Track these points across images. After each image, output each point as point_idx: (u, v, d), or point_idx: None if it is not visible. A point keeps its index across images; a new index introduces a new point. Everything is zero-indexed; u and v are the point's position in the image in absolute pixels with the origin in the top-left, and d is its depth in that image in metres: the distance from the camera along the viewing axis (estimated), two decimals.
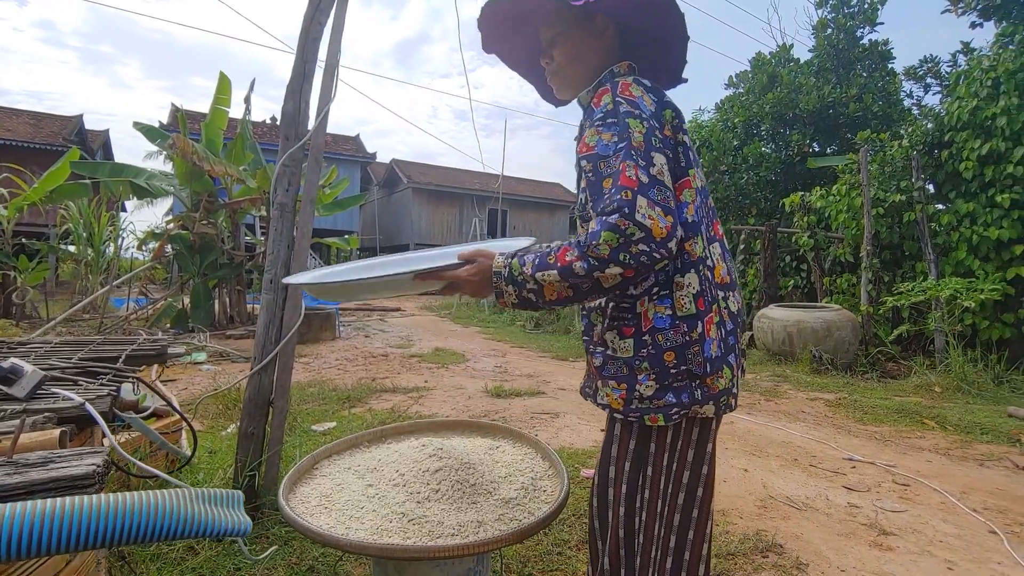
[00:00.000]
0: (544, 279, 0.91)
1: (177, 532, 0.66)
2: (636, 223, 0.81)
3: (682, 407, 0.96)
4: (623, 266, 0.83)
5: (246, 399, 2.02)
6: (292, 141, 2.11)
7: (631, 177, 0.84)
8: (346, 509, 1.28)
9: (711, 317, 0.97)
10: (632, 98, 0.93)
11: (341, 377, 5.17)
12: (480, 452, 1.60)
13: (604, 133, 0.91)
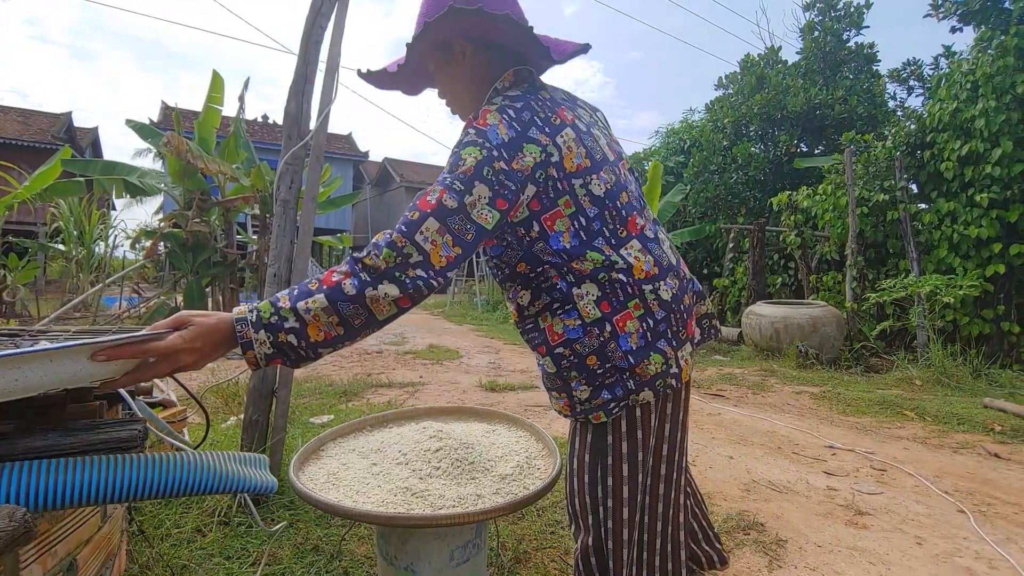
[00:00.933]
0: (308, 308, 0.77)
1: (215, 487, 0.74)
2: (415, 244, 0.79)
3: (618, 400, 0.97)
4: (399, 286, 0.79)
5: (250, 388, 2.10)
6: (295, 140, 2.18)
7: (431, 201, 0.82)
8: (353, 485, 1.36)
9: (626, 313, 0.96)
10: (482, 126, 0.89)
11: (337, 373, 5.23)
12: (478, 434, 1.69)
13: (449, 159, 0.91)
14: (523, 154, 0.88)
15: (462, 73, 1.06)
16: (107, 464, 0.63)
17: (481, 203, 0.83)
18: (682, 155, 12.32)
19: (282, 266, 2.13)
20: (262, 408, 2.09)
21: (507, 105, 0.93)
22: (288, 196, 2.16)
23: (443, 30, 0.97)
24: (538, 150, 0.90)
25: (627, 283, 0.96)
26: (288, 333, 0.77)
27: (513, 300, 1.08)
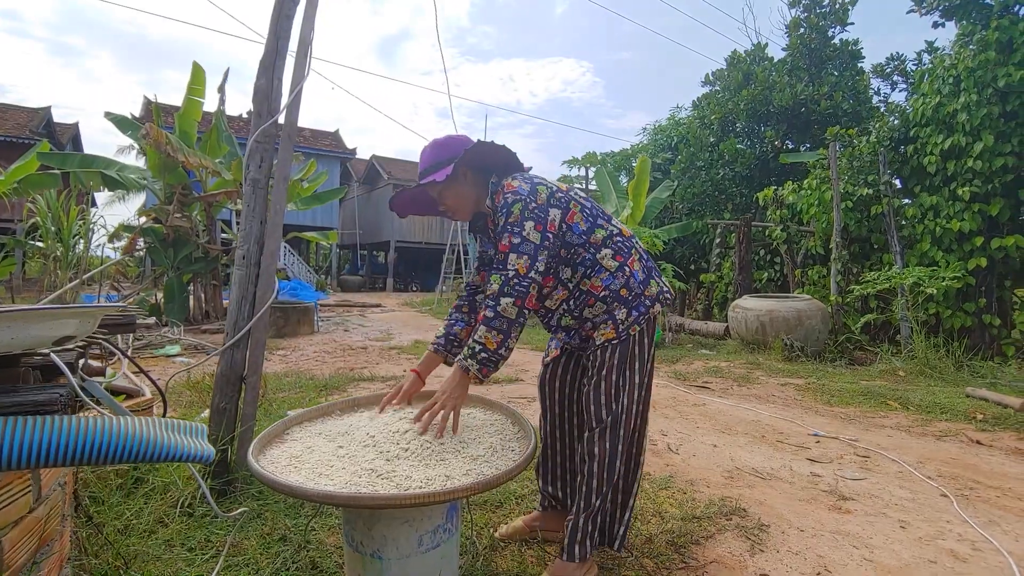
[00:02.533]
0: (481, 338, 1.38)
1: (140, 454, 0.68)
2: (510, 267, 1.38)
3: (643, 314, 1.51)
4: (512, 296, 1.36)
5: (218, 374, 2.02)
6: (265, 118, 2.11)
7: (507, 243, 1.40)
8: (316, 468, 1.30)
9: (632, 259, 1.55)
10: (513, 189, 1.45)
11: (319, 368, 5.14)
12: None
13: (501, 217, 1.44)
14: (540, 192, 1.47)
15: (465, 189, 1.56)
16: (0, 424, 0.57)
17: (533, 232, 1.41)
18: (669, 152, 12.34)
19: (251, 247, 2.05)
20: (230, 396, 2.01)
21: (516, 176, 1.52)
22: (258, 175, 2.08)
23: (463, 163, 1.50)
24: (545, 189, 1.49)
25: (623, 241, 1.56)
26: (480, 352, 1.39)
27: (559, 286, 1.55)
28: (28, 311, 0.64)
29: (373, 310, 12.94)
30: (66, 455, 0.62)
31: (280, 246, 2.04)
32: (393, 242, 22.60)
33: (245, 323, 2.01)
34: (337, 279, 22.87)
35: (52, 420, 0.61)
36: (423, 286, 23.87)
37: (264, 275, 2.06)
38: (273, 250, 2.08)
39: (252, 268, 2.05)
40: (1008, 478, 2.41)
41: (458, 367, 1.42)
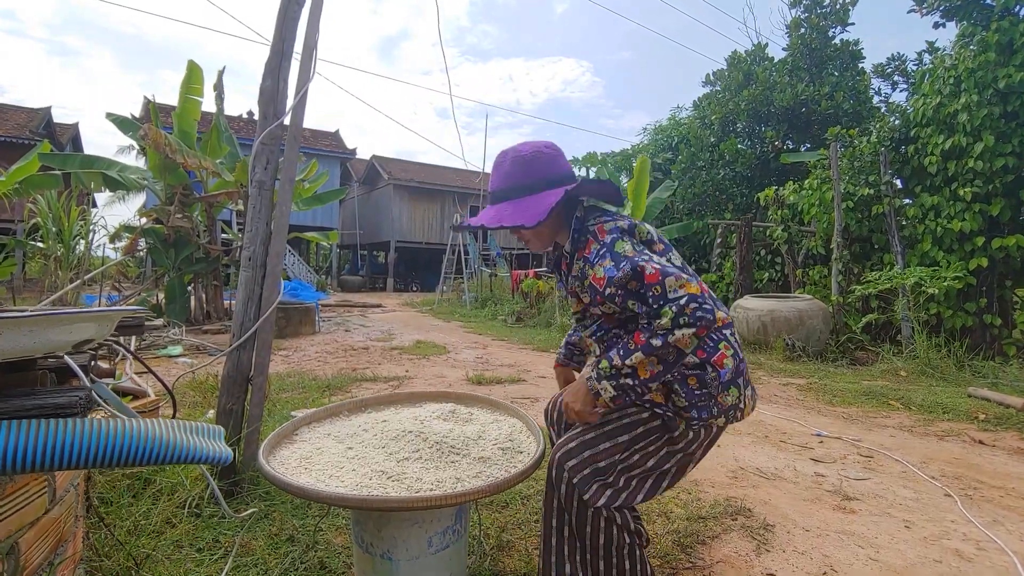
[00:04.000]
0: (634, 361, 1.12)
1: (160, 456, 0.68)
2: (677, 294, 1.08)
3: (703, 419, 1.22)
4: (692, 326, 1.07)
5: (224, 375, 2.03)
6: (270, 119, 2.11)
7: (649, 272, 1.11)
8: (326, 469, 1.30)
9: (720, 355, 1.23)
10: (609, 231, 1.24)
11: (321, 368, 5.15)
12: (459, 417, 1.64)
13: (605, 262, 1.20)
14: (636, 235, 1.25)
15: (548, 223, 1.33)
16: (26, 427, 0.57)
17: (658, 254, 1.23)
18: (670, 152, 12.36)
19: (257, 248, 2.05)
20: (237, 396, 2.02)
21: (605, 218, 1.28)
22: (264, 177, 2.08)
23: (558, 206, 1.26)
24: (640, 233, 1.27)
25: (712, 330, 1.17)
26: (626, 378, 1.13)
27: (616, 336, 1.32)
28: (51, 315, 0.65)
29: (374, 310, 12.95)
30: (87, 457, 0.63)
31: (285, 247, 2.05)
32: (393, 242, 22.61)
33: (251, 324, 2.02)
34: (337, 279, 22.89)
35: (73, 423, 0.61)
36: (423, 286, 23.89)
37: (270, 277, 2.07)
38: (279, 251, 2.08)
39: (258, 270, 2.05)
40: (1012, 478, 2.42)
41: (585, 387, 1.20)
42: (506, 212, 1.26)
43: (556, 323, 8.77)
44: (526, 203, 1.26)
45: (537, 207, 1.23)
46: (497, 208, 1.29)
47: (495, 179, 1.33)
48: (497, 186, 1.32)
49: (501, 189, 1.30)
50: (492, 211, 1.30)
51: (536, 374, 5.06)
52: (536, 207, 1.23)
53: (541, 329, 8.97)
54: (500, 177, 1.32)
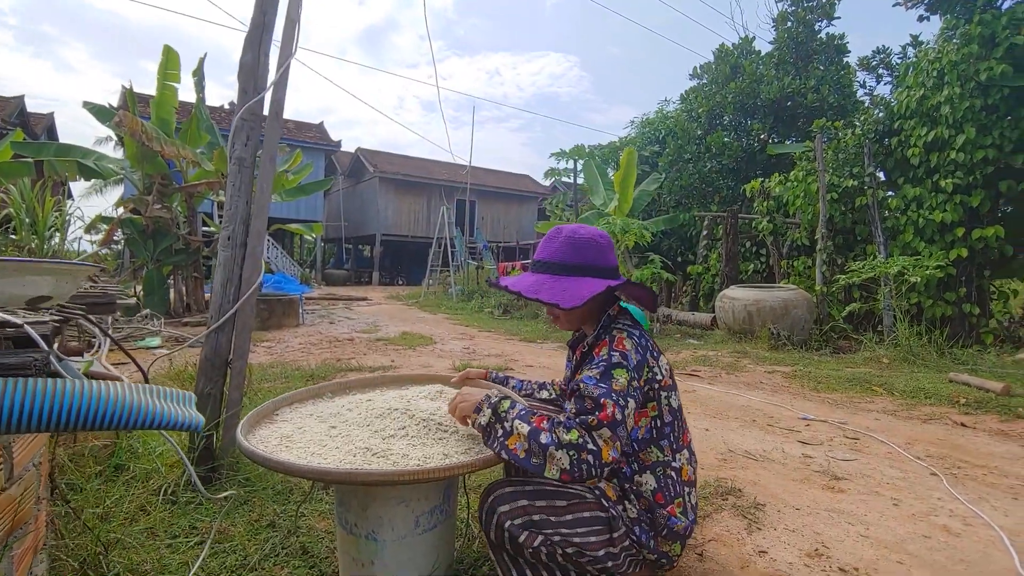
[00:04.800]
0: (517, 428, 1.11)
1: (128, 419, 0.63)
2: (594, 441, 1.07)
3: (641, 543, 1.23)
4: (568, 462, 1.05)
5: (202, 359, 1.96)
6: (251, 94, 2.04)
7: (609, 413, 1.10)
8: (308, 447, 1.25)
9: (673, 506, 1.26)
10: (624, 351, 1.20)
11: (305, 358, 5.06)
12: (447, 397, 1.59)
13: (595, 371, 1.17)
14: (643, 373, 1.23)
15: (587, 306, 1.30)
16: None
17: (630, 412, 1.15)
18: (657, 145, 12.37)
19: (237, 228, 1.98)
20: (215, 380, 1.95)
21: (632, 332, 1.26)
22: (244, 154, 2.01)
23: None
24: (647, 370, 1.24)
25: (676, 482, 1.28)
26: (498, 425, 1.14)
27: None
28: None
29: (359, 303, 12.82)
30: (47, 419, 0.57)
31: (266, 227, 1.98)
32: (379, 235, 22.40)
33: (231, 306, 1.95)
34: (322, 273, 22.62)
35: (29, 382, 0.56)
36: (410, 279, 23.72)
37: (251, 256, 2.00)
38: (259, 230, 2.01)
39: (238, 249, 1.98)
40: (994, 457, 2.45)
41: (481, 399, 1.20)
42: (545, 285, 1.26)
43: (543, 315, 8.74)
44: (568, 283, 1.25)
45: (577, 291, 1.22)
46: (537, 278, 1.29)
47: (545, 250, 1.32)
48: (545, 257, 1.31)
49: (548, 262, 1.30)
50: (531, 279, 1.30)
51: (523, 363, 5.03)
52: (576, 291, 1.23)
53: (528, 320, 8.95)
54: (551, 250, 1.31)
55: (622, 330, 1.26)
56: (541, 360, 5.27)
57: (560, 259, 1.28)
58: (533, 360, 5.24)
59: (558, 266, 1.28)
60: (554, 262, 1.28)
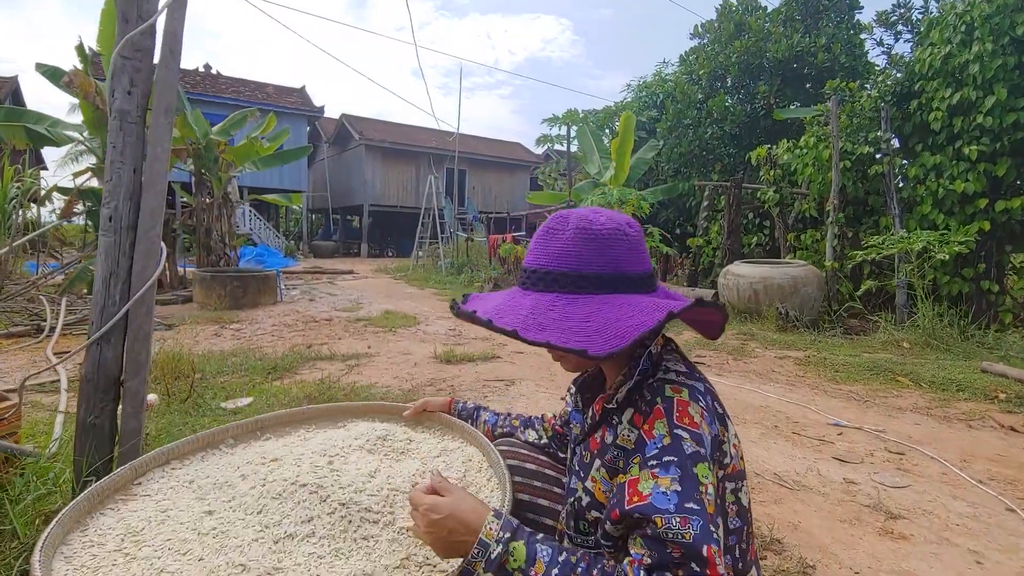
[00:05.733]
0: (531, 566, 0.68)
1: None
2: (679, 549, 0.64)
3: None
4: None
5: (82, 379, 1.49)
6: (133, 23, 1.51)
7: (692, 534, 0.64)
8: (157, 558, 0.80)
9: None
10: (695, 428, 0.73)
11: (273, 345, 4.60)
12: (391, 447, 1.14)
13: (662, 478, 0.70)
14: (719, 456, 0.77)
15: None
16: None
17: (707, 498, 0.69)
18: (655, 110, 11.72)
19: (121, 205, 1.48)
20: (102, 406, 1.49)
21: (694, 390, 0.78)
22: (127, 105, 1.49)
23: None
24: (725, 454, 0.79)
25: None
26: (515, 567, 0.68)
27: None
28: None
29: (344, 277, 12.30)
30: None
31: (164, 205, 1.47)
32: (367, 206, 21.67)
33: (116, 307, 1.47)
34: (309, 244, 21.94)
35: None
36: (399, 251, 23.11)
37: (143, 241, 1.51)
38: (154, 208, 1.52)
39: (124, 233, 1.49)
40: None
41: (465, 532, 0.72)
42: (553, 315, 0.75)
43: None
44: (590, 307, 0.76)
45: (612, 322, 0.73)
46: (535, 299, 0.79)
47: (542, 250, 0.82)
48: (545, 265, 0.81)
49: (552, 272, 0.79)
50: (527, 303, 0.79)
51: (512, 348, 4.61)
52: (609, 321, 0.73)
53: None
54: (555, 252, 0.80)
55: (679, 384, 0.77)
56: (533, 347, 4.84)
57: (572, 267, 0.79)
58: (524, 346, 4.81)
59: (570, 279, 0.78)
60: (563, 272, 0.79)
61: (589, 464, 0.84)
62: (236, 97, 17.95)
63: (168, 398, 2.79)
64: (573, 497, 0.85)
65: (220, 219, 8.92)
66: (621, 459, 0.77)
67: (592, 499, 0.81)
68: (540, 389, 3.33)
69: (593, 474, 0.82)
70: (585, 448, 0.87)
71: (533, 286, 0.81)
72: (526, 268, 0.83)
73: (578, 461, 0.89)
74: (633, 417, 0.77)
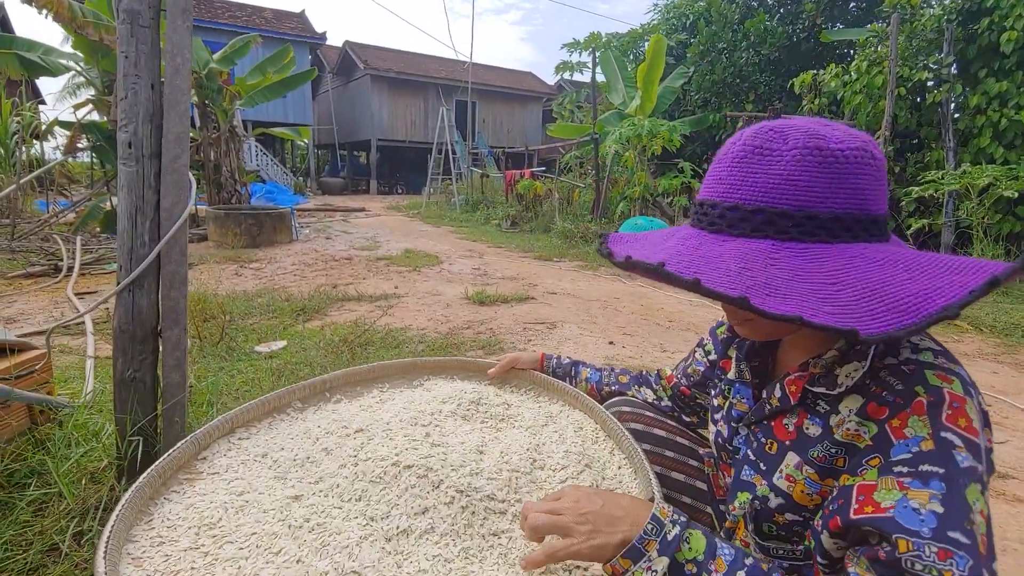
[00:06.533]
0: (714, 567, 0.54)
1: None
2: None
3: None
4: None
5: (115, 330, 1.33)
6: None
7: None
8: (243, 559, 0.65)
9: None
10: (972, 435, 0.52)
11: (297, 284, 4.46)
12: (488, 412, 0.98)
13: (916, 491, 0.50)
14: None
15: None
16: None
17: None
18: (684, 33, 10.88)
19: (140, 128, 1.26)
20: (141, 359, 1.34)
21: (964, 381, 0.55)
22: (136, 4, 1.23)
23: None
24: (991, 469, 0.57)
25: None
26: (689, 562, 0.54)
27: None
28: None
29: (357, 215, 12.04)
30: None
31: (189, 128, 1.23)
32: (374, 140, 20.98)
33: (147, 249, 1.28)
34: (317, 182, 21.47)
35: None
36: (409, 188, 22.63)
37: (170, 173, 1.30)
38: (179, 134, 1.29)
39: (147, 163, 1.27)
40: None
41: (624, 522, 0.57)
42: (777, 272, 0.53)
43: (556, 228, 8.04)
44: (825, 262, 0.54)
45: (880, 292, 0.50)
46: (738, 249, 0.57)
47: (744, 178, 0.58)
48: (747, 197, 0.58)
49: (761, 208, 0.57)
50: (729, 252, 0.57)
51: (544, 289, 4.44)
52: (876, 291, 0.51)
53: (539, 235, 8.26)
54: (764, 182, 0.57)
55: (946, 372, 0.55)
56: (563, 284, 4.67)
57: (798, 202, 0.55)
58: (555, 284, 4.64)
59: (794, 220, 0.55)
60: (783, 211, 0.56)
61: (777, 456, 0.66)
62: (233, 23, 16.94)
63: (200, 341, 2.67)
64: (751, 494, 0.68)
65: (228, 154, 8.58)
66: (842, 457, 0.59)
67: (788, 501, 0.64)
68: (585, 332, 3.18)
69: (789, 471, 0.64)
70: (765, 434, 0.69)
71: (728, 228, 0.59)
72: (711, 202, 0.61)
73: (752, 448, 0.71)
74: (866, 407, 0.58)
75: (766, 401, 0.69)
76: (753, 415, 0.72)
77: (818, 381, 0.63)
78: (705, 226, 0.61)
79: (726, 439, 0.77)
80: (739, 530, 0.70)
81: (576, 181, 9.60)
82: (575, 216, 8.41)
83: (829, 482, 0.60)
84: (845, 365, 0.61)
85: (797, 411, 0.65)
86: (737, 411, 0.76)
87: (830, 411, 0.61)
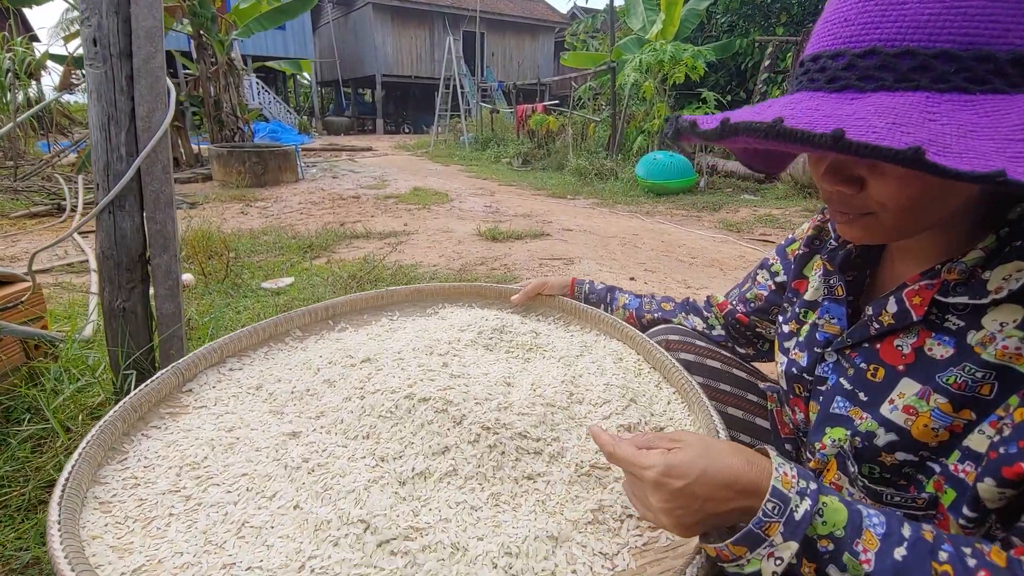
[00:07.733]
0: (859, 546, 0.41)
1: None
2: None
3: None
4: None
5: (99, 256, 1.21)
6: None
7: None
8: (231, 503, 0.55)
9: None
10: None
11: (304, 223, 4.33)
12: (514, 341, 0.85)
13: None
14: None
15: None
16: None
17: None
18: None
19: (106, 22, 1.08)
20: (129, 288, 1.23)
21: None
22: None
23: None
24: None
25: None
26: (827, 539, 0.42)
27: None
28: None
29: (363, 154, 11.71)
30: None
31: (162, 25, 1.05)
32: (379, 76, 20.13)
33: (124, 164, 1.14)
34: (321, 121, 20.84)
35: None
36: (416, 127, 21.95)
37: (144, 76, 1.13)
38: (149, 29, 1.11)
39: (117, 63, 1.10)
40: None
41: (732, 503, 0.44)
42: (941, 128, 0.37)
43: (570, 165, 7.72)
44: (1007, 115, 0.38)
45: None
46: (879, 106, 0.40)
47: (885, 14, 0.41)
48: (889, 38, 0.41)
49: (910, 50, 0.40)
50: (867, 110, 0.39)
51: (559, 226, 4.26)
52: None
53: (552, 172, 7.96)
54: (915, 15, 0.40)
55: None
56: (578, 221, 4.48)
57: (968, 38, 0.39)
58: (570, 221, 4.46)
59: (961, 60, 0.39)
60: (944, 50, 0.39)
61: (885, 384, 0.53)
62: None
63: (205, 278, 2.57)
64: (849, 430, 0.55)
65: (228, 89, 8.23)
66: (990, 384, 0.45)
67: (904, 437, 0.51)
68: (603, 268, 3.03)
69: (909, 402, 0.50)
70: (866, 358, 0.56)
71: (859, 82, 0.42)
72: (832, 52, 0.44)
73: (846, 375, 0.58)
74: (1002, 314, 0.45)
75: (872, 319, 0.55)
76: (850, 337, 0.58)
77: (954, 290, 0.49)
78: (823, 84, 0.44)
79: (803, 368, 0.64)
80: (829, 472, 0.58)
81: (591, 115, 9.14)
82: (589, 153, 8.05)
83: (965, 414, 0.47)
84: (1000, 267, 0.46)
85: (916, 329, 0.52)
86: (824, 334, 0.63)
87: (967, 327, 0.48)
